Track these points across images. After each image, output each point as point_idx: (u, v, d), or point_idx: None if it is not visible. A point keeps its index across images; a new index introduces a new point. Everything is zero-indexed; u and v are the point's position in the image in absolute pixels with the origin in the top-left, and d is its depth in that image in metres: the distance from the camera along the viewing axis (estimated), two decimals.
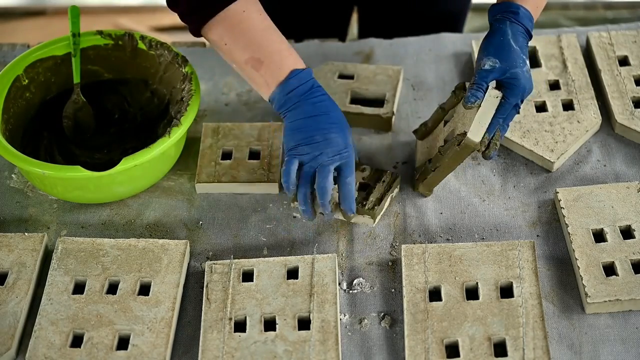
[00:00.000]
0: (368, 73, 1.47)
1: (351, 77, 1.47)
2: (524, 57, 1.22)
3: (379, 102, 1.44)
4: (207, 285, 1.21)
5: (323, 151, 1.21)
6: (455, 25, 1.74)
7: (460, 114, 1.28)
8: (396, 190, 1.31)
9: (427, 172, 1.29)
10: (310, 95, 1.23)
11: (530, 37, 1.25)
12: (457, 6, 1.72)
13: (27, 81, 1.37)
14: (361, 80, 1.46)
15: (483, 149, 1.22)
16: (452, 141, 1.24)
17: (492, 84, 1.23)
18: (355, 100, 1.44)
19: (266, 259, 1.23)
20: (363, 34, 1.76)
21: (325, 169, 1.20)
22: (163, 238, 1.30)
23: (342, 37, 1.70)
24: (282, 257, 1.23)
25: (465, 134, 1.21)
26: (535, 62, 1.48)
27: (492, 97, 1.21)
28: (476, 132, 1.21)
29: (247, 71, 1.25)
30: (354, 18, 1.85)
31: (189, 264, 1.26)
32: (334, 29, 1.71)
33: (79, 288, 1.21)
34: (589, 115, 1.39)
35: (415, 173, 1.34)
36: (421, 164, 1.32)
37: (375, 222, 1.29)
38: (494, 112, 1.21)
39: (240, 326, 1.17)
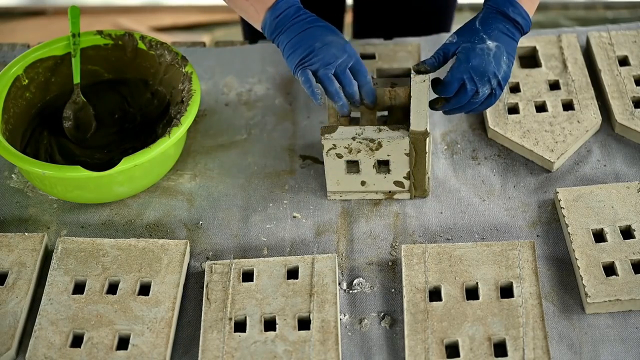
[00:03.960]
0: (388, 51, 1.50)
1: (373, 57, 1.50)
2: (485, 36, 1.22)
3: (405, 77, 1.46)
4: (207, 285, 1.21)
5: (326, 53, 1.22)
6: (444, 22, 1.77)
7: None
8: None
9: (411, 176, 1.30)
10: (299, 16, 1.25)
11: (515, 21, 1.24)
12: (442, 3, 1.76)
13: (27, 81, 1.37)
14: (383, 59, 1.49)
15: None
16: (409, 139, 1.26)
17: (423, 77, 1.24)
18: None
19: (266, 259, 1.23)
20: (357, 32, 1.79)
21: (345, 72, 1.23)
22: (163, 238, 1.30)
23: None
24: (282, 257, 1.23)
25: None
26: (535, 62, 1.48)
27: (418, 83, 1.23)
28: (418, 122, 1.23)
29: (239, 2, 1.28)
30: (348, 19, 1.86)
31: (189, 264, 1.26)
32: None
33: (79, 288, 1.21)
34: (589, 115, 1.39)
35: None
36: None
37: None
38: (427, 96, 1.23)
39: (240, 326, 1.17)
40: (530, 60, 1.49)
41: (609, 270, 1.20)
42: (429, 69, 1.24)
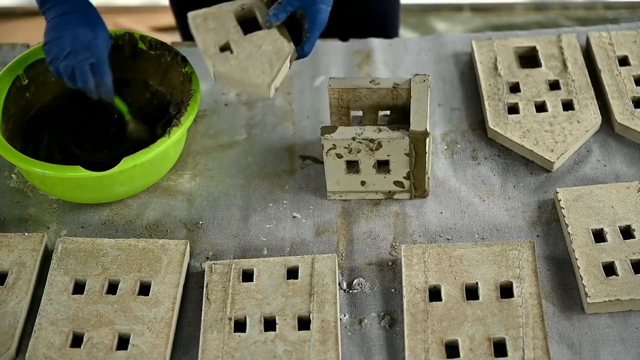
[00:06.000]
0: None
1: None
2: None
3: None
4: (207, 285, 1.21)
5: (71, 49, 1.23)
6: (387, 27, 1.76)
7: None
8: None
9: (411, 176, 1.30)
10: None
11: None
12: (387, 7, 1.75)
13: (27, 81, 1.37)
14: None
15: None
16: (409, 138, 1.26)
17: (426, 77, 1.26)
18: None
19: (266, 259, 1.23)
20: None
21: (81, 71, 1.24)
22: (163, 238, 1.30)
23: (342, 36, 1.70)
24: (282, 257, 1.23)
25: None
26: (535, 62, 1.48)
27: (419, 83, 1.24)
28: (418, 122, 1.23)
29: None
30: None
31: (189, 264, 1.27)
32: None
33: (78, 288, 1.22)
34: (589, 115, 1.39)
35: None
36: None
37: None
38: (427, 96, 1.23)
39: (240, 326, 1.17)
40: (530, 60, 1.49)
41: (609, 270, 1.20)
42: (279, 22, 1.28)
